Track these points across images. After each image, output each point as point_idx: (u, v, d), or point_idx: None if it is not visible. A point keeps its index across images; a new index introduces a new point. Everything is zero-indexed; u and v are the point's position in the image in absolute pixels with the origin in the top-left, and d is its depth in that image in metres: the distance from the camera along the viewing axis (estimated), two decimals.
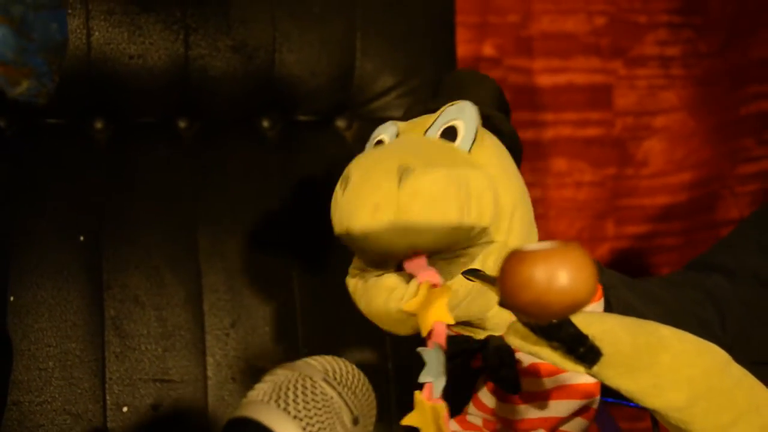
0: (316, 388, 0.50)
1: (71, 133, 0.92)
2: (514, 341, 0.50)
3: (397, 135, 0.70)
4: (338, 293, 0.95)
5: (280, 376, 0.51)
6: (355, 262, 0.69)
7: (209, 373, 0.90)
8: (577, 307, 0.40)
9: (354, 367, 0.53)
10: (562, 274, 0.39)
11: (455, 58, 1.10)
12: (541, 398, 0.75)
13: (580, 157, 1.62)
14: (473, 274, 0.61)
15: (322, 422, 0.49)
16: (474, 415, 0.80)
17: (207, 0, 0.95)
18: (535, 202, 1.69)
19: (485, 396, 0.78)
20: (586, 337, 0.48)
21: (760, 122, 1.61)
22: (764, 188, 1.69)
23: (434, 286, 0.60)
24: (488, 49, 1.55)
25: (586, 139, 1.63)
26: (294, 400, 0.49)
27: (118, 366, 0.87)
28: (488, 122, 0.70)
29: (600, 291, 0.79)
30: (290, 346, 0.94)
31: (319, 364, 0.52)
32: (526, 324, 0.48)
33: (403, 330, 0.65)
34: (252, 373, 0.92)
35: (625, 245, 1.66)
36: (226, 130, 0.99)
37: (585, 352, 0.48)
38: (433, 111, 0.70)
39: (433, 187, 0.61)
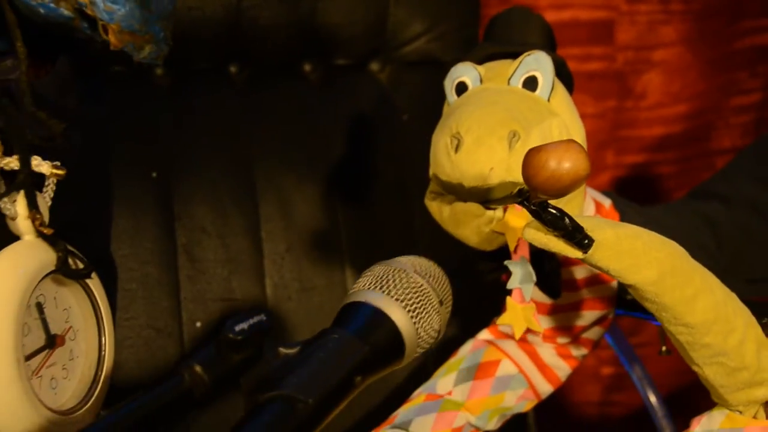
0: (409, 277, 0.59)
1: (137, 80, 1.03)
2: (530, 235, 0.62)
3: (480, 79, 0.81)
4: (376, 218, 1.09)
5: (378, 270, 0.60)
6: (432, 187, 0.81)
7: (268, 293, 1.04)
8: (578, 181, 0.55)
9: (434, 263, 0.63)
10: (566, 158, 0.54)
11: (479, 6, 1.20)
12: (572, 309, 0.89)
13: (582, 91, 1.65)
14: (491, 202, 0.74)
15: (418, 303, 0.58)
16: (505, 324, 0.95)
17: None
18: None
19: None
20: (582, 228, 0.61)
21: (753, 56, 1.71)
22: (756, 119, 1.78)
23: (516, 210, 0.75)
24: None
25: (589, 73, 1.68)
26: (394, 287, 0.58)
27: (190, 287, 1.00)
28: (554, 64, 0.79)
29: (617, 217, 0.93)
30: (337, 268, 1.07)
31: (407, 260, 0.61)
32: (538, 217, 0.60)
33: (490, 247, 0.78)
34: (305, 292, 1.05)
35: (624, 173, 1.74)
36: (272, 74, 1.10)
37: (581, 239, 0.61)
38: (506, 56, 0.80)
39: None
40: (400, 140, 1.12)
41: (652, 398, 1.09)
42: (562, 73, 0.83)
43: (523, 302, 0.76)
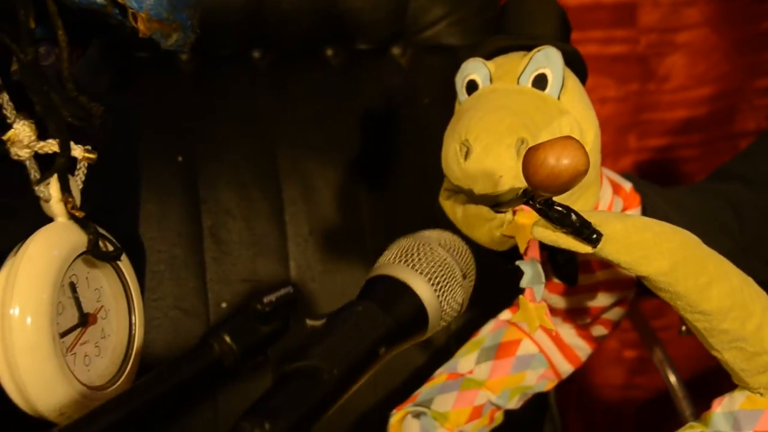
0: (434, 250, 0.61)
1: (161, 66, 1.05)
2: (539, 233, 0.64)
3: (490, 78, 0.82)
4: (398, 200, 1.10)
5: (403, 243, 0.62)
6: (446, 184, 0.83)
7: (292, 274, 1.06)
8: (578, 176, 0.56)
9: (458, 237, 0.65)
10: (565, 155, 0.55)
11: None
12: (590, 290, 0.91)
13: (604, 74, 1.68)
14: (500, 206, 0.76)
15: (442, 276, 0.60)
16: (518, 321, 0.96)
17: None
18: None
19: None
20: (590, 223, 0.63)
21: None
22: None
23: (525, 212, 0.77)
24: None
25: (611, 56, 1.68)
26: (419, 260, 0.60)
27: (216, 268, 1.03)
28: (564, 56, 0.79)
29: (638, 199, 0.94)
30: (360, 251, 1.09)
31: (432, 233, 0.63)
32: (545, 215, 0.61)
33: (501, 248, 0.80)
34: (328, 274, 1.08)
35: (647, 157, 1.74)
36: (295, 59, 1.12)
37: (589, 234, 0.63)
38: (516, 48, 0.82)
39: None
40: (421, 123, 1.14)
41: (673, 380, 1.11)
42: (575, 62, 0.84)
43: (535, 301, 0.77)
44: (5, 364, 0.64)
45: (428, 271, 0.59)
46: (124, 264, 0.76)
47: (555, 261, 0.87)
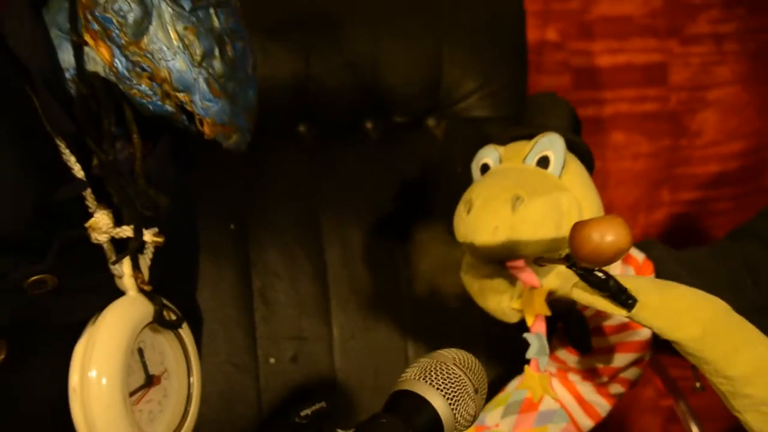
0: (450, 369, 0.68)
1: (216, 142, 1.17)
2: (577, 294, 0.72)
3: (500, 160, 0.93)
4: (432, 264, 1.20)
5: (423, 363, 0.70)
6: (467, 259, 0.93)
7: (334, 333, 1.16)
8: (620, 253, 0.63)
9: (470, 354, 0.72)
10: (609, 233, 0.63)
11: (526, 64, 1.32)
12: (605, 352, 0.99)
13: (637, 131, 1.76)
14: (542, 260, 0.84)
15: (456, 392, 0.67)
16: (549, 364, 1.05)
17: (322, 27, 1.18)
18: (596, 174, 1.85)
19: (560, 352, 1.02)
20: (626, 289, 0.70)
21: None
22: None
23: (533, 287, 0.85)
24: (552, 34, 1.70)
25: (643, 114, 1.76)
26: (436, 377, 0.67)
27: (264, 327, 1.13)
28: (570, 144, 0.91)
29: (651, 268, 1.02)
30: (397, 310, 1.19)
31: (448, 353, 0.71)
32: (584, 279, 0.69)
33: (511, 320, 0.89)
34: (367, 331, 1.18)
35: (680, 210, 1.80)
36: (338, 131, 1.23)
37: (625, 299, 0.70)
38: (527, 137, 0.92)
39: (536, 212, 0.83)
40: (454, 191, 1.23)
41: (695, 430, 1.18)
42: (581, 151, 0.94)
43: (539, 371, 0.86)
44: (83, 419, 0.74)
45: (444, 387, 0.67)
46: (185, 330, 0.86)
47: (569, 332, 0.96)
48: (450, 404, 0.67)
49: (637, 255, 1.01)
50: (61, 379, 0.74)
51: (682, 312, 0.73)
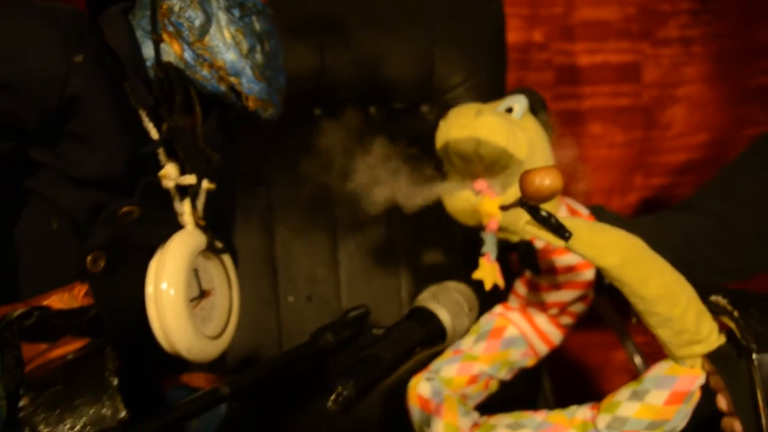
0: (451, 293, 0.93)
1: (251, 121, 1.46)
2: (528, 229, 0.91)
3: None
4: (423, 223, 1.46)
5: (433, 289, 0.93)
6: (444, 185, 1.14)
7: (341, 277, 1.44)
8: (555, 192, 0.82)
9: (466, 285, 0.96)
10: (547, 177, 0.82)
11: (505, 61, 1.58)
12: (556, 288, 1.22)
13: (612, 123, 1.97)
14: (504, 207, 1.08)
15: (455, 309, 0.91)
16: (512, 300, 1.32)
17: (334, 29, 1.46)
18: (575, 160, 2.07)
19: (520, 288, 1.27)
20: (564, 225, 0.88)
21: (764, 93, 1.92)
22: None
23: (490, 197, 1.12)
24: (537, 36, 1.91)
25: (618, 108, 1.96)
26: (442, 299, 0.88)
27: (285, 271, 1.38)
28: (534, 112, 1.17)
29: (594, 219, 1.25)
30: (393, 263, 1.46)
31: (450, 283, 0.94)
32: (533, 216, 0.88)
33: (471, 222, 1.13)
34: (367, 280, 1.44)
35: (650, 194, 2.01)
36: (347, 115, 1.51)
37: (563, 232, 0.88)
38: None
39: (492, 122, 1.08)
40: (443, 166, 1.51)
41: (638, 361, 1.45)
42: (546, 124, 1.20)
43: (491, 262, 1.13)
44: (157, 318, 1.01)
45: (447, 305, 0.89)
46: (227, 258, 1.14)
47: (522, 258, 1.22)
48: (451, 317, 0.91)
49: (583, 211, 1.27)
50: (141, 283, 1.01)
51: (605, 244, 0.92)
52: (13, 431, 0.85)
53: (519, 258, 1.18)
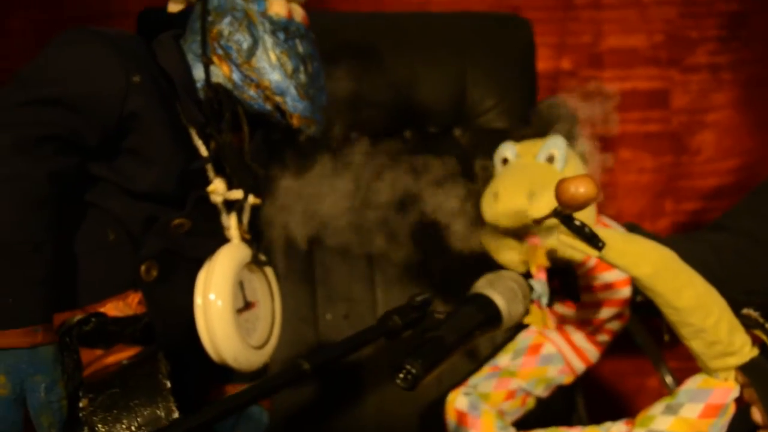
0: (506, 281, 0.96)
1: (289, 144, 1.52)
2: (562, 239, 0.95)
3: (516, 155, 1.22)
4: (458, 247, 1.51)
5: (488, 276, 0.98)
6: (487, 226, 1.21)
7: (378, 296, 1.49)
8: (590, 200, 0.86)
9: (520, 275, 1.00)
10: (581, 185, 0.87)
11: (535, 85, 1.64)
12: (594, 306, 1.27)
13: (642, 149, 2.02)
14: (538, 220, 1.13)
15: (510, 296, 0.94)
16: (529, 322, 1.34)
17: (370, 55, 1.53)
18: (606, 186, 2.15)
19: (558, 307, 1.31)
20: (597, 235, 0.93)
21: None
22: None
23: (536, 245, 1.16)
24: (566, 64, 1.99)
25: (647, 133, 2.02)
26: (497, 285, 0.95)
27: (323, 289, 1.44)
28: (568, 138, 1.21)
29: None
30: (427, 279, 1.51)
31: (506, 272, 0.99)
32: (567, 226, 0.92)
33: (520, 270, 1.16)
34: (404, 295, 1.49)
35: (682, 219, 2.05)
36: (381, 138, 1.57)
37: (596, 242, 0.93)
38: (539, 135, 1.21)
39: (545, 203, 1.06)
40: (475, 187, 1.56)
41: (669, 380, 1.48)
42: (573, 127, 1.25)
43: (541, 308, 1.17)
44: (205, 327, 1.07)
45: (502, 292, 0.94)
46: (270, 273, 1.20)
47: (564, 285, 1.27)
48: (506, 302, 0.95)
49: (618, 228, 1.31)
50: (190, 293, 1.07)
51: (638, 254, 0.96)
52: (73, 430, 0.91)
53: (560, 286, 1.22)
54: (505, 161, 1.24)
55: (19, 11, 1.76)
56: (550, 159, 1.20)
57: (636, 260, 0.95)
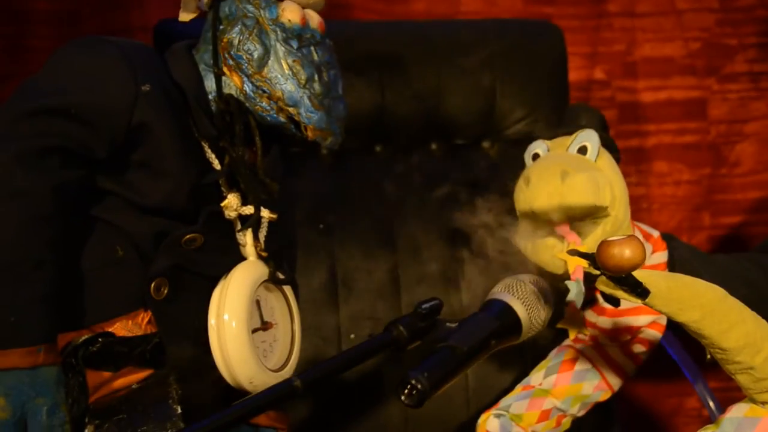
0: (526, 285, 0.90)
1: (309, 158, 1.48)
2: (602, 287, 0.88)
3: (548, 150, 1.16)
4: (488, 257, 1.45)
5: (507, 280, 0.91)
6: (520, 227, 1.12)
7: (403, 314, 1.43)
8: (635, 266, 0.79)
9: (541, 278, 0.94)
10: (627, 251, 0.79)
11: (567, 96, 1.57)
12: (629, 314, 1.19)
13: (678, 160, 1.95)
14: (581, 255, 0.96)
15: (530, 301, 0.88)
16: (563, 326, 1.25)
17: (394, 65, 1.48)
18: (641, 199, 2.09)
19: (591, 315, 1.23)
20: (641, 283, 0.85)
21: None
22: None
23: (575, 243, 1.10)
24: (599, 74, 1.93)
25: (684, 144, 1.95)
26: (516, 291, 0.86)
27: (346, 308, 1.40)
28: (602, 140, 1.14)
29: (664, 246, 1.22)
30: (455, 297, 1.45)
31: (526, 276, 0.92)
32: (608, 277, 0.85)
33: (558, 270, 1.09)
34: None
35: (721, 234, 1.98)
36: (407, 151, 1.52)
37: (640, 291, 0.85)
38: (569, 134, 1.15)
39: (579, 183, 1.05)
40: (507, 203, 1.50)
41: (712, 405, 1.40)
42: (611, 148, 1.20)
43: (576, 311, 1.10)
44: (219, 350, 1.01)
45: (522, 297, 0.87)
46: (289, 292, 1.15)
47: (602, 292, 1.20)
48: (527, 310, 0.89)
49: (653, 232, 1.22)
50: (203, 313, 1.02)
51: (684, 299, 0.89)
52: None
53: (600, 293, 1.15)
54: (535, 157, 1.18)
55: (39, 29, 1.75)
56: (582, 150, 1.14)
57: (683, 306, 0.89)
